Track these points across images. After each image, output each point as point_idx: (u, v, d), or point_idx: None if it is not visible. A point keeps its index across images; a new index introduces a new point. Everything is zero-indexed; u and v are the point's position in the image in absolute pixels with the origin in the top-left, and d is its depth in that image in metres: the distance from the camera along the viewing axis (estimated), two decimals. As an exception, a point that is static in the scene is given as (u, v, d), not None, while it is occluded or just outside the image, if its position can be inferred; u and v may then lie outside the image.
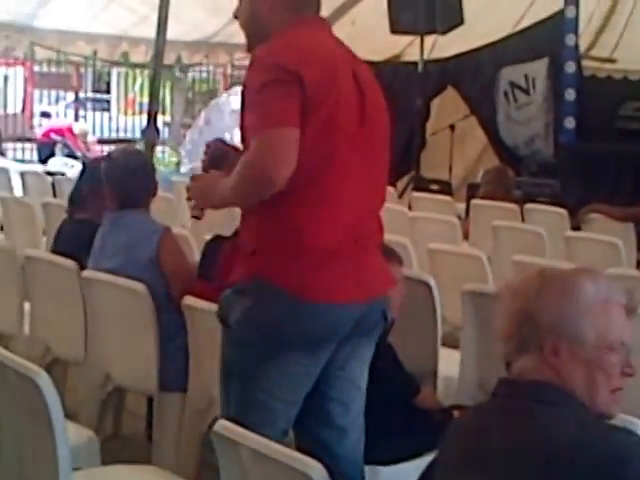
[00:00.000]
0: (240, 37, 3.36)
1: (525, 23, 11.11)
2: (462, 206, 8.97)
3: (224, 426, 2.54)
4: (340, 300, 3.06)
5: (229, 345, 3.17)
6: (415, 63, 10.67)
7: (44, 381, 2.83)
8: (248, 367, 3.09)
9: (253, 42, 3.23)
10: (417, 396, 3.90)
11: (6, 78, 19.41)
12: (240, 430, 2.51)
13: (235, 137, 13.00)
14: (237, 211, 3.24)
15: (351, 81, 3.11)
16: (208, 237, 4.61)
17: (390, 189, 9.23)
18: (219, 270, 4.06)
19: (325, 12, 12.45)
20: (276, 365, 3.06)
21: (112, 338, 4.40)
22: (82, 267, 4.56)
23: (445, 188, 10.15)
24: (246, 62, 3.21)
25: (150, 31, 9.01)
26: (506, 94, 10.97)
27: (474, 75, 11.39)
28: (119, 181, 4.50)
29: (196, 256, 4.95)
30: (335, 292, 3.06)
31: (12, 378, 2.98)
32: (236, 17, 3.34)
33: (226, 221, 4.92)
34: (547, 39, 10.55)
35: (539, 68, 10.68)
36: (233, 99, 13.39)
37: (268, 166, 2.91)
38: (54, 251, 5.11)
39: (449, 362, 4.49)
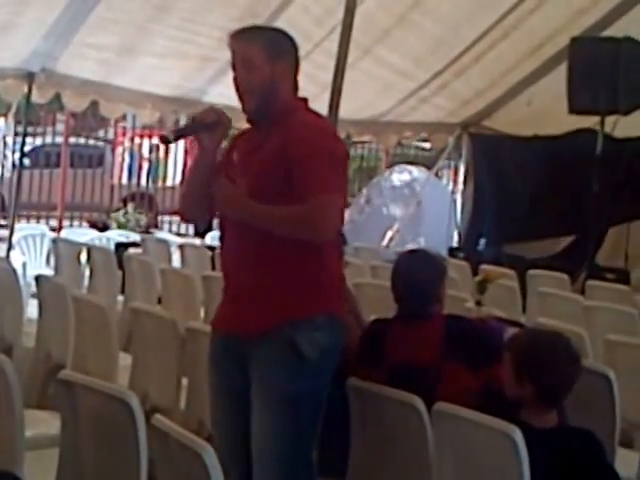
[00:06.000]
0: (410, 117, 3.16)
1: None
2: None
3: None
4: None
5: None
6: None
7: (209, 455, 2.74)
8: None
9: (257, 106, 3.69)
10: None
11: (167, 150, 19.43)
12: None
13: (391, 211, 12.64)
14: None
15: None
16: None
17: (564, 276, 8.77)
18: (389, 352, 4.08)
19: (498, 92, 11.97)
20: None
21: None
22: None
23: (622, 277, 9.57)
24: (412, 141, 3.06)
25: (321, 108, 8.80)
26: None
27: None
28: None
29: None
30: None
31: (176, 450, 2.89)
32: (235, 81, 3.69)
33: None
34: None
35: None
36: (395, 177, 13.05)
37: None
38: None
39: (626, 463, 4.09)
